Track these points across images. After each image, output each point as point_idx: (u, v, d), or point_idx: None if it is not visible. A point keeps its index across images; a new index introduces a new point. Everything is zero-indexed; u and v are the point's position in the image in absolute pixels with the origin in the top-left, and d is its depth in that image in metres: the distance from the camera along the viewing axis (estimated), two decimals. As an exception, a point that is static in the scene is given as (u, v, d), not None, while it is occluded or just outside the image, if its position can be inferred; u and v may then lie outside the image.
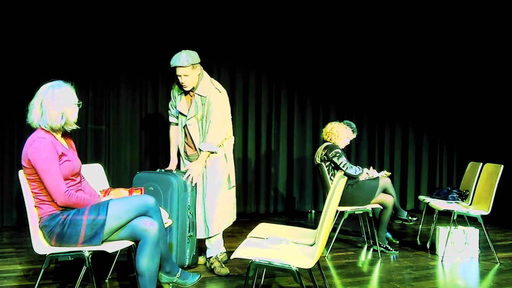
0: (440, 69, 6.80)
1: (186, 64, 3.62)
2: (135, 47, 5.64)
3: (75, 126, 2.82)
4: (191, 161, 3.88)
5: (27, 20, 5.18)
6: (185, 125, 3.86)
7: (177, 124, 3.97)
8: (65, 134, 2.91)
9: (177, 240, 3.68)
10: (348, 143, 4.85)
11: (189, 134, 3.84)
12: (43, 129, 2.72)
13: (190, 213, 3.74)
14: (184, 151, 3.94)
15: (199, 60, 3.72)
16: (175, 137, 3.98)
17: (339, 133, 4.70)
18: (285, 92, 6.44)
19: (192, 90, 3.80)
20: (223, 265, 3.85)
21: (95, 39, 5.47)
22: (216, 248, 3.88)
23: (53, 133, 2.76)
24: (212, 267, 3.82)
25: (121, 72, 5.68)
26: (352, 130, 4.85)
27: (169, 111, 4.02)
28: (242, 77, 6.23)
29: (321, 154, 4.64)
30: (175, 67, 3.67)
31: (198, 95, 3.77)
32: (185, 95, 3.87)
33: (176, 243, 3.68)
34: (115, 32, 5.54)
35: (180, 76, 3.67)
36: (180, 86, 3.80)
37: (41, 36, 5.24)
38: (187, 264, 3.76)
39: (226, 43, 6.07)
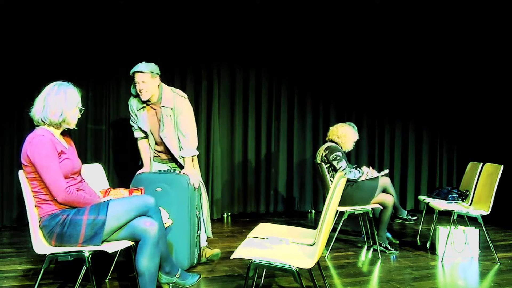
0: (440, 69, 6.81)
1: (146, 70, 3.70)
2: (135, 47, 5.63)
3: (72, 127, 2.85)
4: (165, 164, 4.02)
5: (27, 20, 5.18)
6: (157, 138, 3.91)
7: (143, 138, 3.98)
8: (65, 134, 2.92)
9: (189, 240, 3.70)
10: (353, 146, 4.80)
11: (166, 147, 3.90)
12: (42, 125, 2.75)
13: (198, 212, 3.77)
14: (156, 156, 4.00)
15: (159, 72, 3.79)
16: (146, 150, 4.00)
17: (347, 135, 4.67)
18: (285, 92, 6.44)
19: (153, 102, 3.82)
20: (210, 248, 4.03)
21: (95, 39, 5.47)
22: (204, 239, 4.02)
23: (52, 131, 2.77)
24: (203, 253, 3.96)
25: (121, 72, 5.67)
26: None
27: (133, 128, 4.00)
28: (242, 77, 6.23)
29: (322, 154, 4.63)
30: (134, 73, 3.73)
31: (165, 107, 3.82)
32: (147, 110, 3.87)
33: (189, 243, 3.70)
34: (115, 32, 5.54)
35: (139, 83, 3.72)
36: (138, 96, 3.81)
37: (41, 37, 5.24)
38: (195, 263, 3.81)
39: (226, 43, 6.07)
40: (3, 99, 5.17)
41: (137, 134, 4.00)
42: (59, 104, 2.73)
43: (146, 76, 3.70)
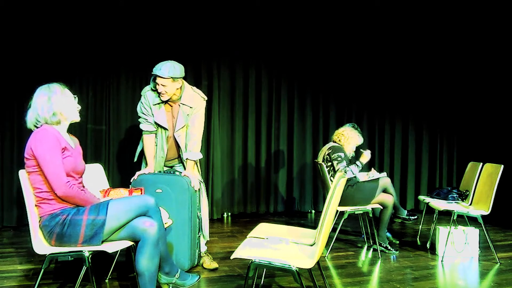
0: (441, 69, 6.81)
1: (166, 76, 3.57)
2: (135, 47, 5.64)
3: (77, 119, 2.88)
4: (169, 166, 3.96)
5: (27, 20, 5.19)
6: (169, 135, 3.84)
7: (151, 133, 3.85)
8: (72, 135, 2.94)
9: (190, 241, 3.69)
10: (354, 150, 4.81)
11: (177, 144, 3.85)
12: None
13: (199, 213, 3.77)
14: (162, 157, 3.91)
15: (182, 75, 3.67)
16: (152, 146, 3.86)
17: (350, 137, 4.69)
18: (285, 92, 6.44)
19: (172, 100, 3.75)
20: (213, 259, 3.97)
21: (96, 39, 5.48)
22: (203, 244, 3.97)
23: (58, 129, 2.79)
24: (202, 261, 3.92)
25: (121, 72, 5.68)
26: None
27: (141, 119, 3.85)
28: (242, 77, 6.23)
29: (325, 153, 4.64)
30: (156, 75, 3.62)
31: (184, 105, 3.75)
32: (164, 106, 3.79)
33: (189, 244, 3.69)
34: (115, 32, 5.54)
35: (159, 84, 3.64)
36: (157, 91, 3.72)
37: (42, 37, 5.25)
38: (196, 263, 3.81)
39: (226, 42, 6.07)
40: (3, 99, 5.17)
41: (145, 127, 3.84)
42: (60, 107, 2.76)
43: (166, 81, 3.60)
